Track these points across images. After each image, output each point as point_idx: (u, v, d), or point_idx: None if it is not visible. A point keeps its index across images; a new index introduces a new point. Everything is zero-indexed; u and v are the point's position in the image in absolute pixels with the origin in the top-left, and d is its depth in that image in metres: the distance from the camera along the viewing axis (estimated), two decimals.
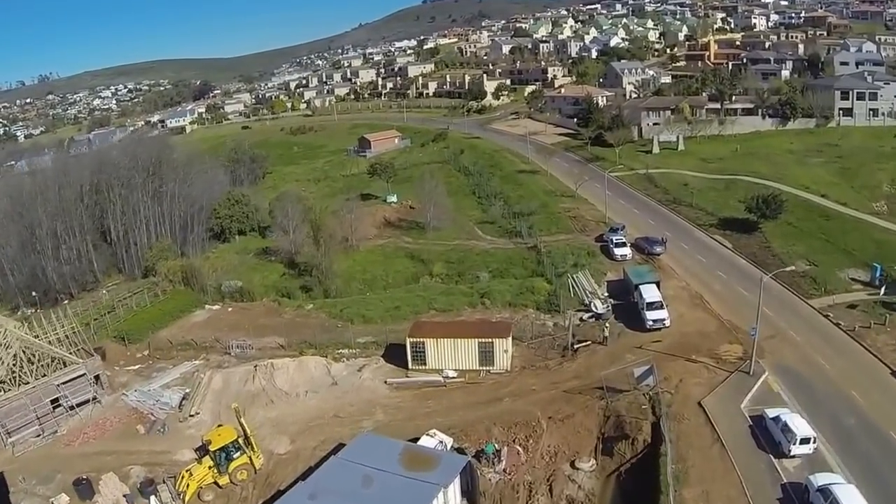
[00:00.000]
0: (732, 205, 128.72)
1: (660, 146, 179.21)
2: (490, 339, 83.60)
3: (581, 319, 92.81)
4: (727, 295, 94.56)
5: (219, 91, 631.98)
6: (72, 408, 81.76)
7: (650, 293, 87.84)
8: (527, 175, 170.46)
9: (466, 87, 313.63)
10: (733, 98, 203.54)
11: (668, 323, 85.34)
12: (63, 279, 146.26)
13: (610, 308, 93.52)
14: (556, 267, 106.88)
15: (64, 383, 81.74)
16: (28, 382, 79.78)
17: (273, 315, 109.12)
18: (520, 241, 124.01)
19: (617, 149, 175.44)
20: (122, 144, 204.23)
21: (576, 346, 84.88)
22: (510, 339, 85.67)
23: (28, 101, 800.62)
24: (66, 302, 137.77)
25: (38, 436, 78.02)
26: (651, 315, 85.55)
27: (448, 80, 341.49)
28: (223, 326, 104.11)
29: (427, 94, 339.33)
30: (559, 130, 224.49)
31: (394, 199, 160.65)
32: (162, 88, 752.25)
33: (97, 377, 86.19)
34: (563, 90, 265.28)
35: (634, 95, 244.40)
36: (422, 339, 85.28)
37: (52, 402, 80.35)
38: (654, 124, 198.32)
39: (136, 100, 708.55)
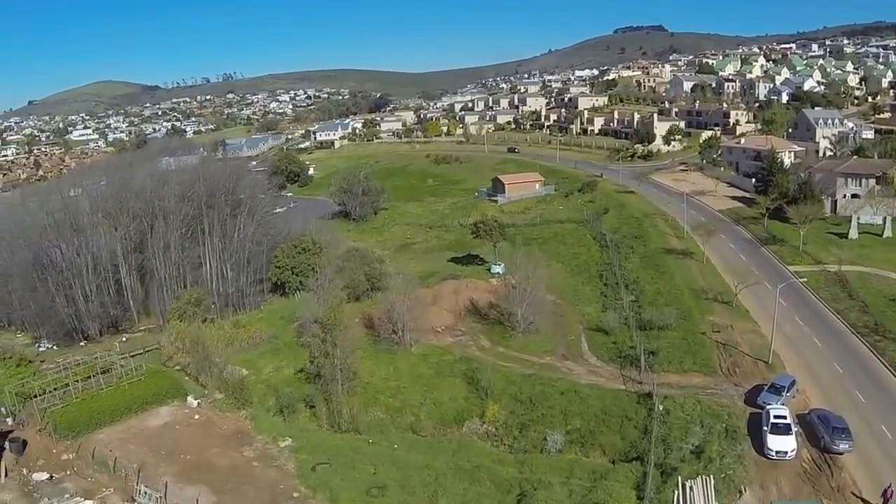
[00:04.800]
0: None
1: (859, 229, 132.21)
2: None
3: None
4: None
5: (395, 106, 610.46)
6: None
7: None
8: (676, 259, 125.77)
9: (634, 127, 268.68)
10: None
11: None
12: (79, 316, 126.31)
13: None
14: (667, 449, 66.09)
15: None
16: None
17: (235, 444, 79.22)
18: (633, 379, 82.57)
19: (801, 230, 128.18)
20: (188, 165, 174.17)
21: None
22: None
23: (208, 97, 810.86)
24: (82, 343, 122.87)
25: None
26: None
27: (616, 117, 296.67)
28: (165, 446, 78.21)
29: (592, 130, 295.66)
30: (732, 192, 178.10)
31: (499, 269, 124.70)
32: (340, 98, 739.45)
33: None
34: (743, 140, 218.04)
35: (829, 153, 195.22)
36: None
37: None
38: (853, 196, 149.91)
39: (311, 107, 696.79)
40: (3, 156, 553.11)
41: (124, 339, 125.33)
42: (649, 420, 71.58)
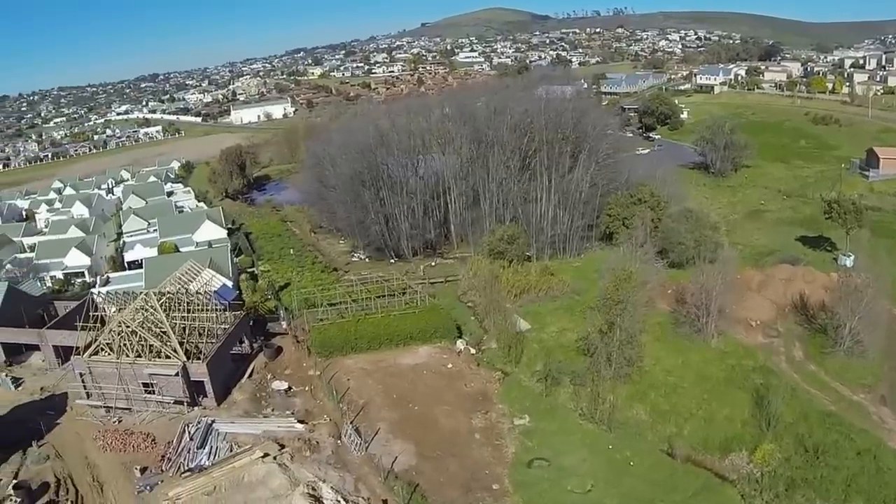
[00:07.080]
0: None
1: None
2: None
3: None
4: None
5: (783, 56, 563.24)
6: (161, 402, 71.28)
7: None
8: None
9: None
10: None
11: None
12: (395, 234, 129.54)
13: None
14: None
15: (155, 374, 70.86)
16: (129, 356, 71.41)
17: (469, 407, 73.32)
18: None
19: None
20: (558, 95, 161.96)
21: None
22: None
23: (597, 30, 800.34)
24: (392, 261, 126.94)
25: (107, 410, 71.20)
26: None
27: None
28: (400, 389, 74.14)
29: None
30: None
31: (848, 262, 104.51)
32: (731, 42, 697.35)
33: (198, 383, 71.16)
34: None
35: None
36: None
37: (147, 387, 71.45)
38: None
39: (701, 48, 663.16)
40: (390, 71, 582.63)
41: (433, 263, 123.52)
42: None
